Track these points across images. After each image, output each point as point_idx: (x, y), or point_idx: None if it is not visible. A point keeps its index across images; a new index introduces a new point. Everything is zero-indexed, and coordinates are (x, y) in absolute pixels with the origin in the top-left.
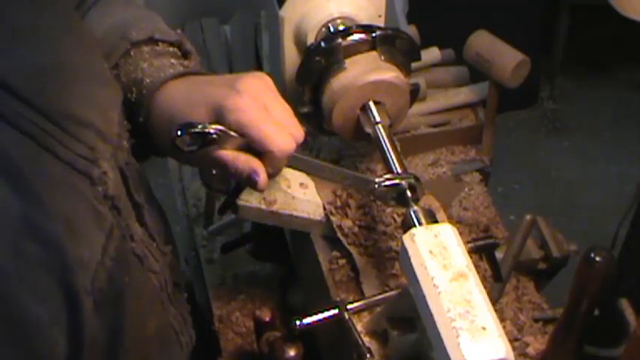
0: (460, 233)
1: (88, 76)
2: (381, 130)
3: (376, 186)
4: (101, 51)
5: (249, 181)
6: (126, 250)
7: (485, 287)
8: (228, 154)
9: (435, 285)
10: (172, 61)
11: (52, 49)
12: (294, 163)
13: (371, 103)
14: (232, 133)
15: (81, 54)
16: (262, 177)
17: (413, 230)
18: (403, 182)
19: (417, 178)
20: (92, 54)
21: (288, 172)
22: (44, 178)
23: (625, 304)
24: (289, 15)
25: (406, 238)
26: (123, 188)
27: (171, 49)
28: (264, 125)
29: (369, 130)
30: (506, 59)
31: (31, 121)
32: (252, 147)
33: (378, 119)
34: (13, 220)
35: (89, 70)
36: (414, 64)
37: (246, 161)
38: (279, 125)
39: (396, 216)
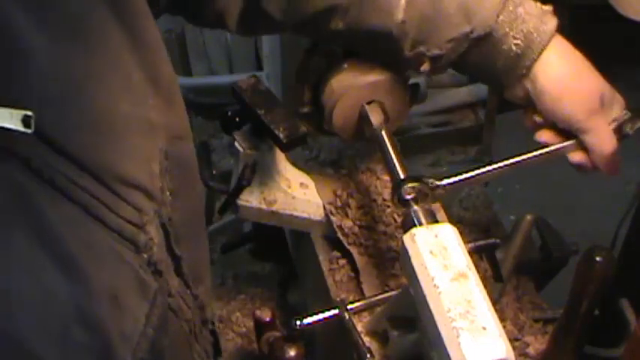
0: (460, 233)
1: (133, 124)
2: (382, 130)
3: None
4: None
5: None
6: (165, 310)
7: (485, 287)
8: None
9: (435, 285)
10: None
11: (102, 99)
12: None
13: (371, 103)
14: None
15: (127, 99)
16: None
17: (413, 230)
18: None
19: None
20: (136, 95)
21: (289, 172)
22: (92, 252)
23: (625, 304)
24: None
25: (406, 238)
26: (164, 246)
27: None
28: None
29: (369, 130)
30: None
31: (82, 187)
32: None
33: (378, 119)
34: (61, 306)
35: (134, 117)
36: None
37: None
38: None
39: (396, 216)
